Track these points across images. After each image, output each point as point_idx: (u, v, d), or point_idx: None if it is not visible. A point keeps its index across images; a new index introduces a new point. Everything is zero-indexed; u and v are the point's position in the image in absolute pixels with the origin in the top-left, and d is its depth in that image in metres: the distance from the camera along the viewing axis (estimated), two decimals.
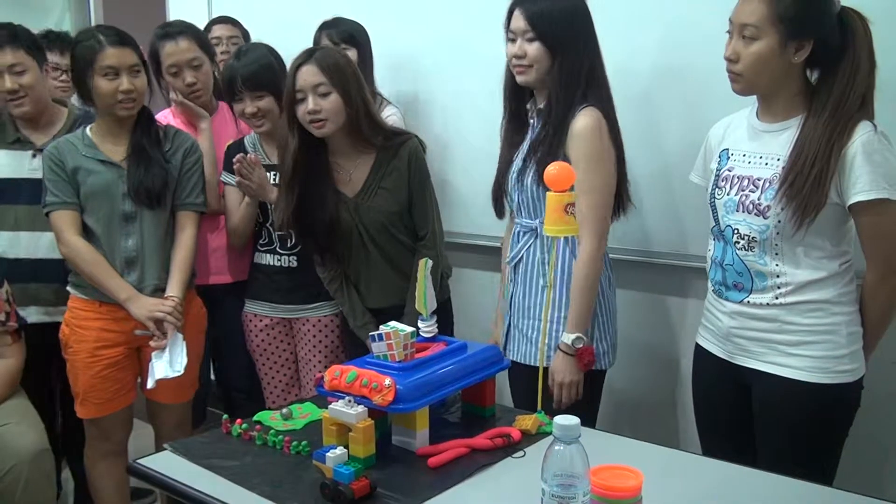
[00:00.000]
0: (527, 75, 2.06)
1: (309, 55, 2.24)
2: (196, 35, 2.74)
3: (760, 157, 1.85)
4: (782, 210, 1.76)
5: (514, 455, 1.61)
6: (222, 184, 2.65)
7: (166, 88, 2.73)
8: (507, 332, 2.23)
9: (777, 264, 1.81)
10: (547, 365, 2.05)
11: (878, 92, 1.77)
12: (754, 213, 1.81)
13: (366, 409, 1.56)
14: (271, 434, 1.70)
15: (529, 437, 1.68)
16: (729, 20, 1.81)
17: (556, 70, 2.02)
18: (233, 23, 3.27)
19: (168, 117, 2.74)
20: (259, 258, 2.61)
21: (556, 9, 2.00)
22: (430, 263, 1.76)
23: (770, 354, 1.84)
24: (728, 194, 1.88)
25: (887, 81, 1.82)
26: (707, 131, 2.05)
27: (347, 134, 2.29)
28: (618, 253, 2.41)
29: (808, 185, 1.72)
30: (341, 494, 1.42)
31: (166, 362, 2.28)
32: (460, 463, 1.58)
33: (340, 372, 1.64)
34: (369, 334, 1.68)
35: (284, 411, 1.83)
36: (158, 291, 2.38)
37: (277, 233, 2.54)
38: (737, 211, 1.85)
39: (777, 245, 1.80)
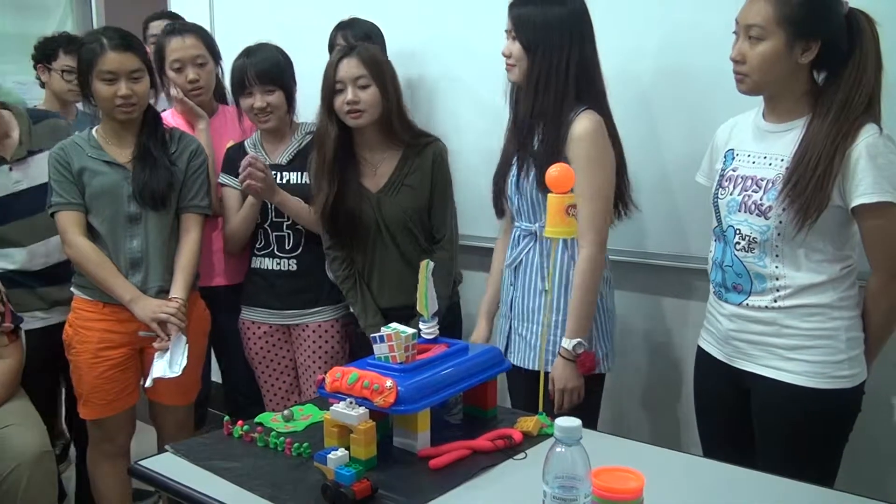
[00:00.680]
0: (512, 73, 2.09)
1: (351, 49, 2.32)
2: (204, 36, 2.76)
3: (764, 158, 1.84)
4: (784, 211, 1.76)
5: (516, 457, 1.61)
6: (220, 185, 2.65)
7: (167, 85, 2.73)
8: (507, 336, 2.23)
9: (777, 266, 1.81)
10: (547, 370, 2.05)
11: (884, 94, 1.76)
12: (756, 214, 1.81)
13: (367, 410, 1.56)
14: (272, 436, 1.70)
15: (531, 439, 1.68)
16: (735, 21, 1.81)
17: (531, 70, 2.04)
18: (172, 17, 3.22)
19: (168, 118, 2.73)
20: (257, 262, 2.60)
21: (539, 11, 2.02)
22: (431, 265, 1.76)
23: (768, 358, 1.83)
24: (731, 194, 1.87)
25: (894, 84, 1.81)
26: (708, 133, 2.05)
27: (379, 129, 2.35)
28: (619, 255, 2.41)
29: (811, 186, 1.71)
30: (342, 496, 1.42)
31: (166, 362, 2.29)
32: (462, 465, 1.58)
33: (342, 374, 1.64)
34: (371, 335, 1.68)
35: (286, 413, 1.83)
36: (162, 293, 2.38)
37: (275, 234, 2.54)
38: (739, 211, 1.85)
39: (777, 247, 1.80)
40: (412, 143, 2.38)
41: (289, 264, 2.55)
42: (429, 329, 1.81)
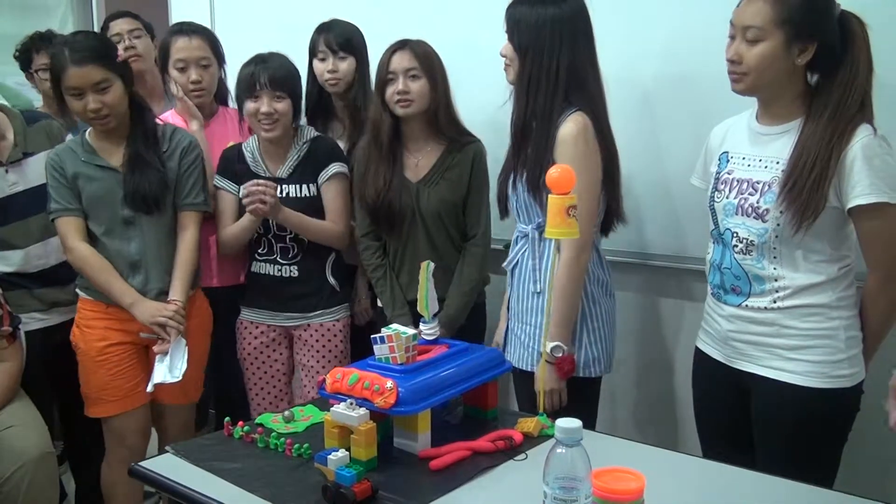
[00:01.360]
0: (509, 74, 2.10)
1: (404, 43, 2.39)
2: (210, 38, 2.75)
3: (760, 161, 1.84)
4: (781, 213, 1.76)
5: (516, 458, 1.61)
6: (214, 188, 2.61)
7: (168, 83, 2.72)
8: (506, 336, 2.24)
9: (775, 268, 1.81)
10: (534, 371, 2.07)
11: (876, 96, 1.77)
12: (753, 217, 1.81)
13: (367, 411, 1.56)
14: (273, 437, 1.71)
15: (531, 440, 1.68)
16: (730, 22, 1.81)
17: (522, 71, 2.04)
18: (132, 16, 3.11)
19: (169, 118, 2.72)
20: (258, 268, 2.59)
21: (532, 11, 2.01)
22: (432, 266, 1.77)
23: (768, 359, 1.84)
24: (727, 197, 1.87)
25: (885, 85, 1.81)
26: (708, 136, 2.04)
27: (425, 121, 2.41)
28: (617, 255, 2.41)
29: (807, 187, 1.72)
30: (343, 497, 1.42)
31: (166, 367, 2.28)
32: (462, 466, 1.58)
33: (342, 374, 1.64)
34: (371, 336, 1.69)
35: (286, 414, 1.83)
36: (163, 294, 2.37)
37: (279, 245, 2.54)
38: (736, 214, 1.85)
39: (775, 248, 1.80)
40: (455, 140, 2.44)
41: (290, 271, 2.55)
42: (429, 330, 1.81)
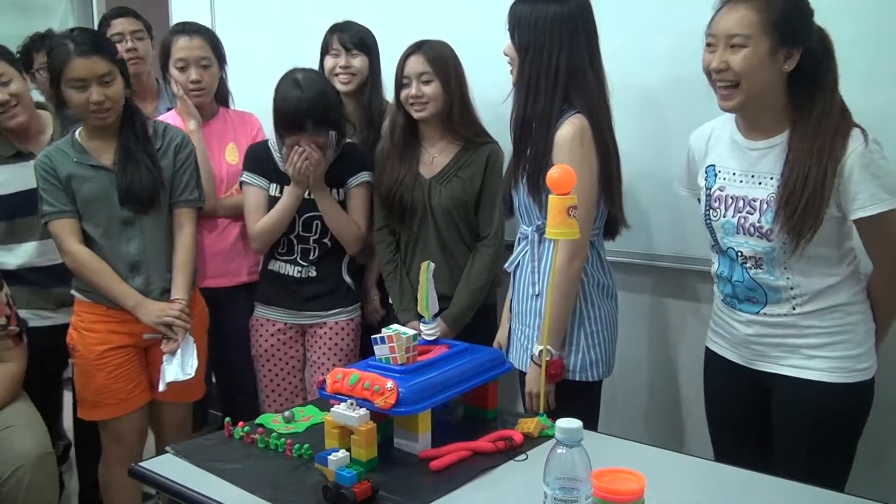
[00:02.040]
0: (512, 74, 2.09)
1: (418, 47, 2.42)
2: (211, 38, 2.75)
3: (752, 177, 1.83)
4: (780, 231, 1.76)
5: (517, 458, 1.61)
6: (237, 188, 2.63)
7: (168, 82, 2.72)
8: (509, 337, 2.23)
9: (788, 278, 1.81)
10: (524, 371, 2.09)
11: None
12: (756, 236, 1.81)
13: (368, 412, 1.56)
14: (273, 437, 1.70)
15: (531, 441, 1.68)
16: (708, 34, 1.78)
17: (522, 71, 2.03)
18: (134, 15, 3.08)
19: (169, 118, 2.72)
20: (276, 266, 2.59)
21: (533, 10, 2.00)
22: (432, 266, 1.76)
23: (791, 358, 1.84)
24: (724, 216, 1.86)
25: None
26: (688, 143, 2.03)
27: (441, 121, 2.45)
28: (620, 256, 2.41)
29: (802, 207, 1.71)
30: (343, 497, 1.42)
31: (177, 365, 2.28)
32: (462, 466, 1.58)
33: (343, 375, 1.64)
34: (372, 337, 1.69)
35: (286, 414, 1.83)
36: (166, 293, 2.37)
37: (301, 246, 2.54)
38: (737, 234, 1.84)
39: (785, 261, 1.80)
40: (472, 140, 2.46)
41: (308, 272, 2.56)
42: (430, 330, 1.81)
